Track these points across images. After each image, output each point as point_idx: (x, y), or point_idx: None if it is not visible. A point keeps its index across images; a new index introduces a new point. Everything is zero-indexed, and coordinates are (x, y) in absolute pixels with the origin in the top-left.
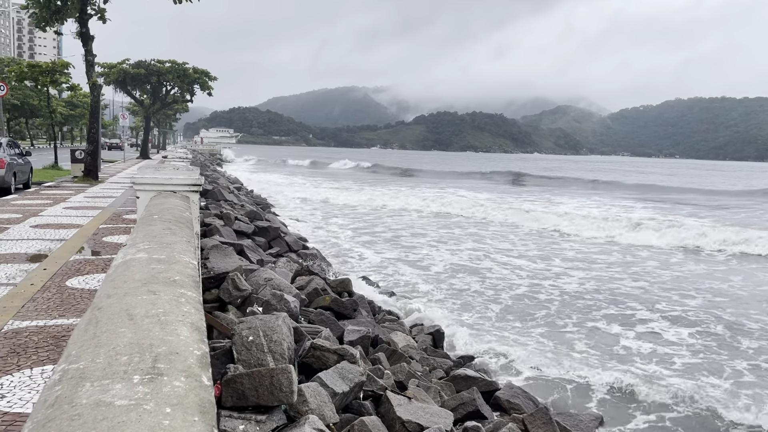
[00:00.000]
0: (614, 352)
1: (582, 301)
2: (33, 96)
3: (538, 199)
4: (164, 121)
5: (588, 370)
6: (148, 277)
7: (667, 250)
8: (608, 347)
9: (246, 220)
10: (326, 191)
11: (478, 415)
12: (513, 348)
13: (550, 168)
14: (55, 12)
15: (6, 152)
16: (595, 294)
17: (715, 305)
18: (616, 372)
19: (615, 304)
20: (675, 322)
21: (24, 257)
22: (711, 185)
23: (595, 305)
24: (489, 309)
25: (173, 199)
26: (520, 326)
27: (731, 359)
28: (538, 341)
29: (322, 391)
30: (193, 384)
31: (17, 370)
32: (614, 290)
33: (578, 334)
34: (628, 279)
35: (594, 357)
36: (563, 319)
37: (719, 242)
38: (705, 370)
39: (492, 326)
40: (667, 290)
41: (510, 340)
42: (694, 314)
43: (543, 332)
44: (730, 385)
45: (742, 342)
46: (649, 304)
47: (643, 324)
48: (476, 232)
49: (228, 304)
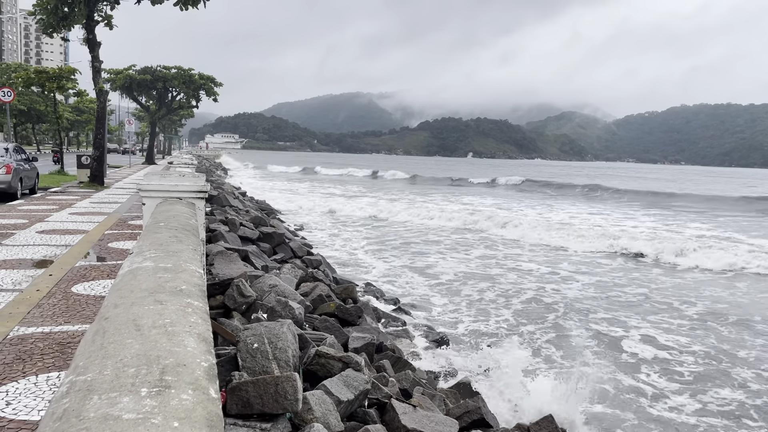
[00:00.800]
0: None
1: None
2: (40, 102)
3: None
4: (170, 126)
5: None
6: (154, 287)
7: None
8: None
9: (251, 226)
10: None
11: (483, 423)
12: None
13: (561, 174)
14: (62, 18)
15: (12, 158)
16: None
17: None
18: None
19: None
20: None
21: (30, 263)
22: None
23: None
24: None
25: (179, 206)
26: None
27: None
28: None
29: (327, 399)
30: (201, 397)
31: (22, 377)
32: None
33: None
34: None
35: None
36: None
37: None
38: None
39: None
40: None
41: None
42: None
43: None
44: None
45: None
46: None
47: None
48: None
49: (233, 311)
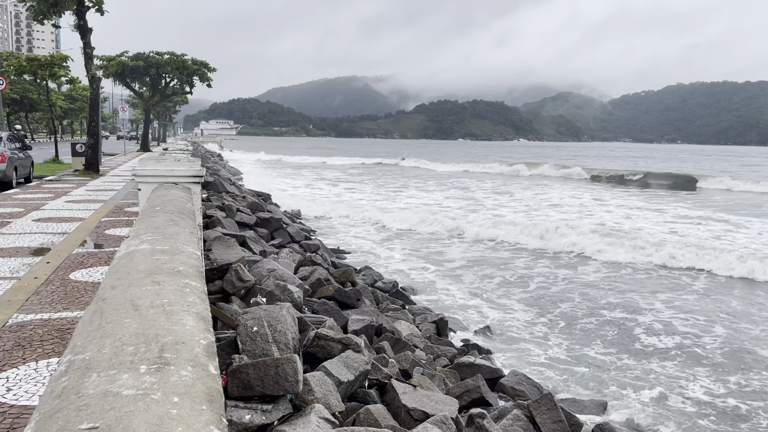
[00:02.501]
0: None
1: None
2: (32, 90)
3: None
4: (164, 113)
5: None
6: (152, 268)
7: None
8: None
9: (248, 212)
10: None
11: (483, 402)
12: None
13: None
14: (52, 5)
15: (6, 146)
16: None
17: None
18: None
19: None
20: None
21: (27, 251)
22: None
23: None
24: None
25: (175, 190)
26: None
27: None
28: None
29: (327, 380)
30: (201, 373)
31: (23, 363)
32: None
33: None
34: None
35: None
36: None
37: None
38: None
39: None
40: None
41: None
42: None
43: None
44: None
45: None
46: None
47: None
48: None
49: (231, 295)
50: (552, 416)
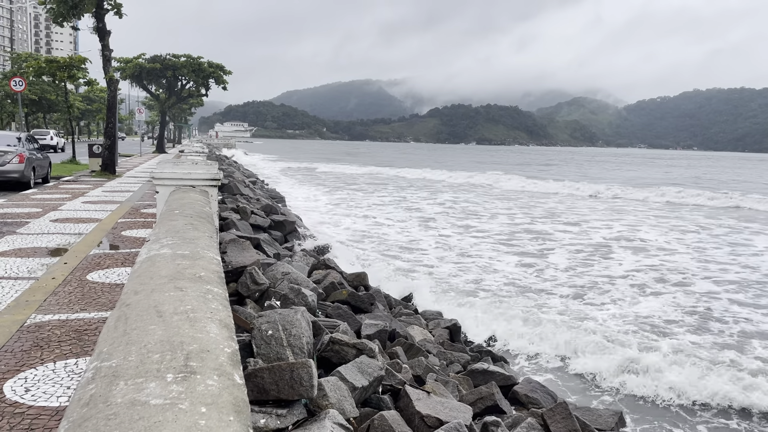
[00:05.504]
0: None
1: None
2: (50, 91)
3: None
4: (179, 115)
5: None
6: (173, 273)
7: None
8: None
9: (262, 214)
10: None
11: (496, 409)
12: None
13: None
14: (72, 7)
15: (25, 147)
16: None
17: None
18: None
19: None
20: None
21: (45, 251)
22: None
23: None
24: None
25: (193, 194)
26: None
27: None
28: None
29: (342, 386)
30: (226, 382)
31: (41, 363)
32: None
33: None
34: None
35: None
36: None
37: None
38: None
39: None
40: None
41: None
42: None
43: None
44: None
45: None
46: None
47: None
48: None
49: (246, 298)
50: (567, 425)
